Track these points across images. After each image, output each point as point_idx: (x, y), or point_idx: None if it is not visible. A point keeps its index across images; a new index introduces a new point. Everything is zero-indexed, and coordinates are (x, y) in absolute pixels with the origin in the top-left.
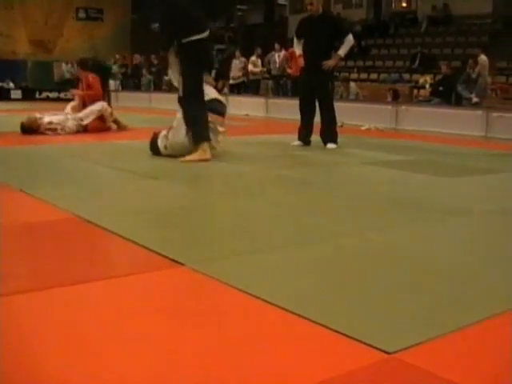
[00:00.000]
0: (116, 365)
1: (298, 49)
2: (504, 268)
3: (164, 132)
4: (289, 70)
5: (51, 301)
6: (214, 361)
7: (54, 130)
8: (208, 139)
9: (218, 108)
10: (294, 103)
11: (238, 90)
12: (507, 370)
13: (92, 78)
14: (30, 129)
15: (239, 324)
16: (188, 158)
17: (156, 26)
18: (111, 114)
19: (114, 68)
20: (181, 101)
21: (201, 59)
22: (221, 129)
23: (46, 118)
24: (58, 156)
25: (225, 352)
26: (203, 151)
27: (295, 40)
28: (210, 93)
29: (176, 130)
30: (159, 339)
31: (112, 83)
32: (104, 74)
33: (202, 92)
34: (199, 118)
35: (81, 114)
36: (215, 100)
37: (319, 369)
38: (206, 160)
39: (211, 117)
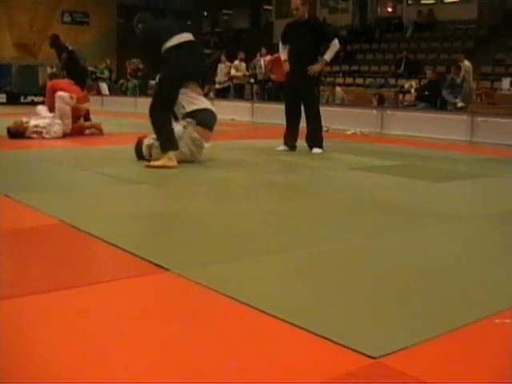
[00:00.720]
0: (107, 365)
1: (283, 54)
2: (493, 271)
3: (151, 139)
4: (272, 76)
5: (36, 306)
6: (199, 366)
7: (40, 133)
8: (175, 148)
9: (208, 120)
10: (280, 108)
11: (224, 95)
12: (494, 375)
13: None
14: (17, 133)
15: (223, 329)
16: (153, 163)
17: (136, 60)
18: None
19: (106, 72)
20: (150, 108)
21: (180, 68)
22: (206, 145)
23: (32, 122)
24: (43, 161)
25: (208, 357)
26: (169, 159)
27: (281, 45)
28: (201, 102)
29: None
30: (146, 342)
31: (103, 87)
32: (82, 76)
33: (171, 102)
34: (166, 128)
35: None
36: (207, 110)
37: (304, 374)
38: (171, 167)
39: (198, 130)
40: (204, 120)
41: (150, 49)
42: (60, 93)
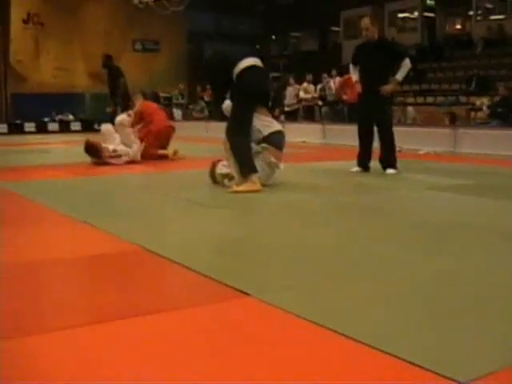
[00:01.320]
0: None
1: (354, 75)
2: None
3: (223, 167)
4: (344, 97)
5: (111, 333)
6: None
7: (119, 156)
8: (255, 170)
9: (278, 142)
10: (351, 129)
11: (293, 117)
12: None
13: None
14: (93, 149)
15: (307, 355)
16: (237, 188)
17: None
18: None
19: (180, 99)
20: (227, 132)
21: (252, 89)
22: (281, 166)
23: (111, 147)
24: (119, 187)
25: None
26: (253, 183)
27: (351, 66)
28: (274, 125)
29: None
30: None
31: (178, 113)
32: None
33: (248, 124)
34: (244, 150)
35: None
36: (278, 132)
37: None
38: (256, 191)
39: (272, 152)
40: (277, 141)
41: (222, 70)
42: (119, 118)
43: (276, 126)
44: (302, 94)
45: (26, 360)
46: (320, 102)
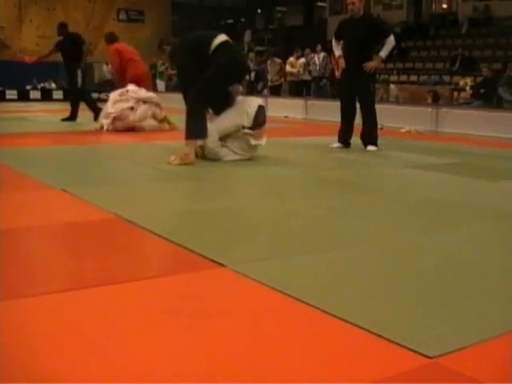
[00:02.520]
0: (138, 363)
1: (337, 50)
2: None
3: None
4: (337, 73)
5: (87, 300)
6: (248, 361)
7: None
8: (204, 137)
9: (259, 118)
10: (334, 105)
11: (277, 92)
12: None
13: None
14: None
15: (277, 325)
16: (171, 161)
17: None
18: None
19: (162, 67)
20: (190, 97)
21: (228, 66)
22: (262, 142)
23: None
24: (99, 156)
25: (258, 351)
26: (186, 155)
27: (334, 41)
28: (253, 101)
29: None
30: (193, 336)
31: (160, 84)
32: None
33: (212, 99)
34: (197, 117)
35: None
36: (260, 107)
37: (359, 373)
38: (189, 164)
39: (257, 133)
40: (259, 118)
41: (197, 54)
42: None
43: (255, 102)
44: (288, 68)
45: (12, 323)
46: (308, 77)
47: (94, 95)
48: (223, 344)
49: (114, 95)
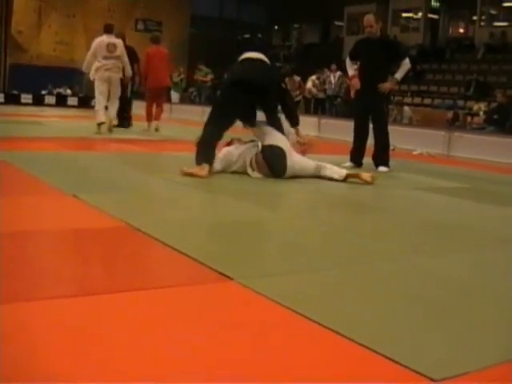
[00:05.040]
0: (138, 370)
1: (350, 70)
2: None
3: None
4: (352, 93)
5: (91, 306)
6: (248, 376)
7: None
8: (207, 162)
9: (270, 160)
10: (347, 124)
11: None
12: None
13: None
14: None
15: (280, 339)
16: (185, 170)
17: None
18: None
19: (177, 79)
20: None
21: (232, 76)
22: (257, 175)
23: None
24: (111, 164)
25: (264, 367)
26: (201, 169)
27: (348, 60)
28: (275, 138)
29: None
30: (193, 348)
31: (175, 96)
32: None
33: (221, 114)
34: (206, 141)
35: None
36: (277, 148)
37: None
38: (201, 177)
39: (259, 162)
40: (269, 158)
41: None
42: None
43: (277, 140)
44: (309, 85)
45: (15, 325)
46: (323, 95)
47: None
48: (224, 356)
49: None
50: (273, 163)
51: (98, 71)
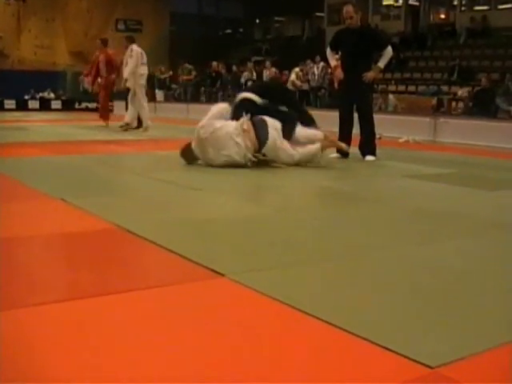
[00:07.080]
0: (133, 370)
1: (332, 60)
2: None
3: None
4: (335, 84)
5: (86, 309)
6: (249, 372)
7: None
8: None
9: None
10: (332, 115)
11: None
12: None
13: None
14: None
15: (277, 335)
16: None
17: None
18: None
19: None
20: None
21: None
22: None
23: None
24: (96, 166)
25: (259, 363)
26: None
27: (329, 51)
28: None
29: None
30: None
31: (159, 94)
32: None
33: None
34: None
35: None
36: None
37: (361, 382)
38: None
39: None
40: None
41: None
42: None
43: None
44: (293, 77)
45: (13, 331)
46: (307, 87)
47: (93, 104)
48: (219, 356)
49: None
50: (258, 128)
51: (142, 77)
